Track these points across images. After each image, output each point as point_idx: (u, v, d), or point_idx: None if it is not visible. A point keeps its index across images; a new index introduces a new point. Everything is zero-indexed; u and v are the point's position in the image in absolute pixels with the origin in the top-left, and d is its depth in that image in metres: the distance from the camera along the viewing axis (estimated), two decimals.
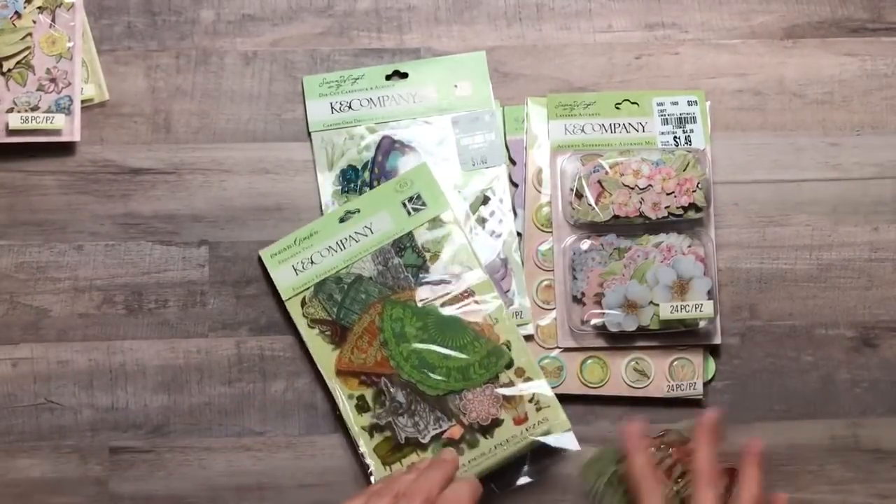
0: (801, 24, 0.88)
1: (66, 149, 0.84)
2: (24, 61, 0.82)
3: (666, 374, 0.83)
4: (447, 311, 0.81)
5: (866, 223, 0.86)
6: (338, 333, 0.81)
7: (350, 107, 0.85)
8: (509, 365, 0.80)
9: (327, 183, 0.84)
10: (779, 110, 0.87)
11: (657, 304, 0.81)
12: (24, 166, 0.83)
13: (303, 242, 0.82)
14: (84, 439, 0.82)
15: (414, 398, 0.80)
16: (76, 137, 0.83)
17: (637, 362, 0.83)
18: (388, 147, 0.85)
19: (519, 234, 0.84)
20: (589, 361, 0.83)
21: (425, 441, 0.80)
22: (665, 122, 0.85)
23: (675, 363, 0.83)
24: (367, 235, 0.82)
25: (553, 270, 0.84)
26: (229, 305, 0.83)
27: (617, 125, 0.85)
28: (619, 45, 0.87)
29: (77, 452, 0.82)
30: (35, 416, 0.82)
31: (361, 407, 0.80)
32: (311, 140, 0.85)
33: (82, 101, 0.83)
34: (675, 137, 0.85)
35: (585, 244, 0.83)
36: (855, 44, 0.88)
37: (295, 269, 0.82)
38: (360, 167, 0.84)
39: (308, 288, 0.81)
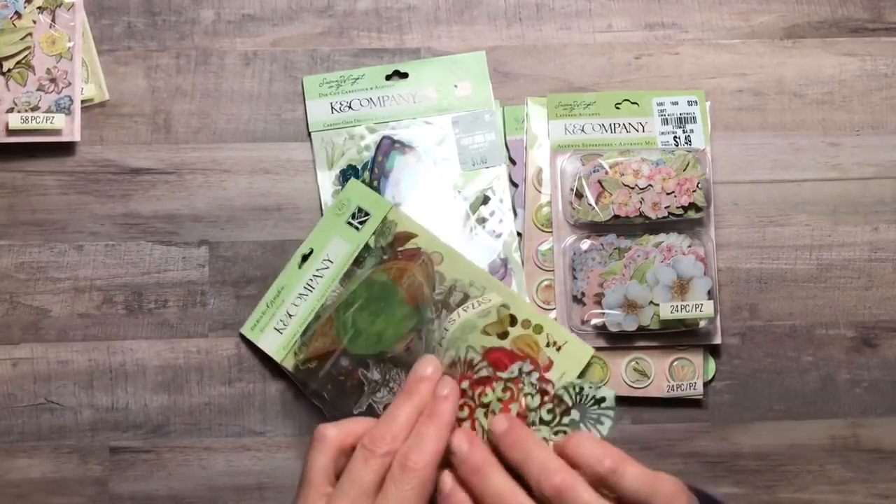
0: (801, 24, 0.88)
1: (66, 149, 0.84)
2: (24, 61, 0.82)
3: (666, 374, 0.83)
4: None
5: (866, 223, 0.86)
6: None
7: (350, 107, 0.85)
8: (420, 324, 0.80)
9: (327, 183, 0.84)
10: (779, 110, 0.87)
11: (657, 304, 0.81)
12: (24, 166, 0.83)
13: (274, 303, 0.82)
14: (84, 439, 0.82)
15: (383, 367, 0.79)
16: (76, 137, 0.83)
17: (637, 362, 0.83)
18: (388, 147, 0.85)
19: (519, 234, 0.84)
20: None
21: None
22: (665, 122, 0.85)
23: (676, 363, 0.83)
24: (327, 267, 0.82)
25: (553, 270, 0.84)
26: (229, 305, 0.83)
27: (617, 125, 0.85)
28: (619, 45, 0.87)
29: (77, 452, 0.82)
30: (35, 416, 0.82)
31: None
32: (311, 140, 0.85)
33: (82, 101, 0.83)
34: (675, 137, 0.85)
35: (585, 244, 0.83)
36: (855, 44, 0.88)
37: (277, 330, 0.82)
38: (360, 167, 0.84)
39: (294, 341, 0.81)
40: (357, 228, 0.82)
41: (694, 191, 0.82)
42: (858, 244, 0.86)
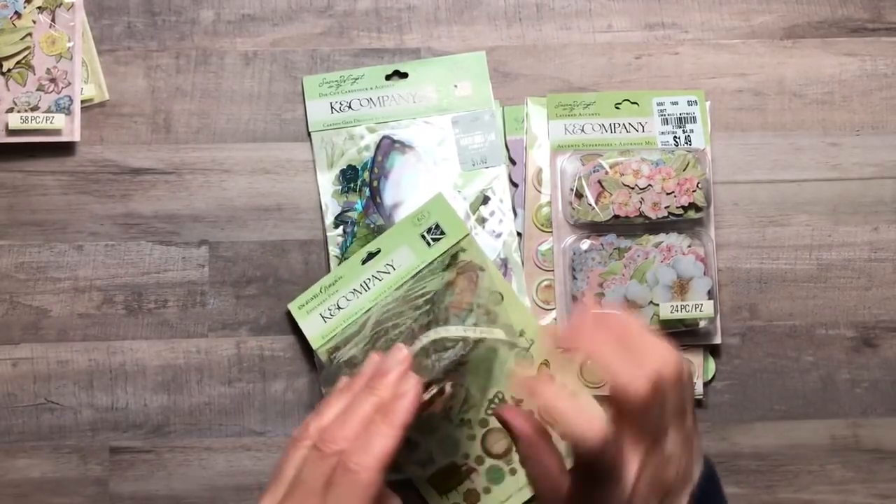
0: (801, 24, 0.88)
1: (66, 149, 0.84)
2: (24, 61, 0.82)
3: None
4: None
5: (866, 223, 0.86)
6: None
7: (350, 107, 0.85)
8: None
9: (327, 183, 0.84)
10: (779, 110, 0.87)
11: (657, 304, 0.81)
12: (24, 166, 0.84)
13: (328, 290, 0.82)
14: (84, 439, 0.82)
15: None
16: (76, 137, 0.83)
17: None
18: (388, 147, 0.85)
19: (519, 234, 0.84)
20: (589, 361, 0.83)
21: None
22: (665, 122, 0.85)
23: None
24: (388, 273, 0.82)
25: (553, 270, 0.84)
26: (229, 305, 0.83)
27: (617, 125, 0.85)
28: (619, 45, 0.87)
29: (77, 452, 0.82)
30: (35, 416, 0.82)
31: None
32: (311, 140, 0.85)
33: (82, 101, 0.83)
34: (675, 137, 0.85)
35: (585, 244, 0.83)
36: (855, 44, 0.88)
37: (323, 317, 0.82)
38: (359, 167, 0.84)
39: (334, 335, 0.81)
40: (429, 244, 0.82)
41: (694, 191, 0.82)
42: (858, 244, 0.86)
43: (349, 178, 0.84)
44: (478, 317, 0.75)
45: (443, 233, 0.82)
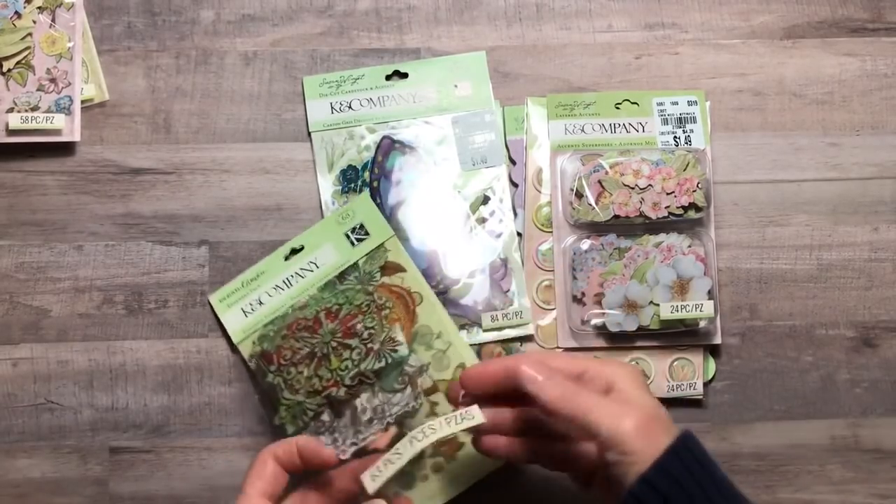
0: (801, 24, 0.88)
1: (66, 149, 0.84)
2: (24, 61, 0.82)
3: (666, 374, 0.83)
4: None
5: (866, 223, 0.86)
6: None
7: (350, 107, 0.85)
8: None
9: (327, 183, 0.84)
10: (779, 110, 0.87)
11: (657, 304, 0.81)
12: (24, 166, 0.83)
13: (250, 284, 0.82)
14: (84, 439, 0.82)
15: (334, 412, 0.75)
16: (76, 137, 0.83)
17: (637, 362, 0.83)
18: (388, 147, 0.85)
19: (519, 234, 0.84)
20: None
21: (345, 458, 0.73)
22: (665, 122, 0.85)
23: (676, 363, 0.83)
24: (312, 270, 0.82)
25: (553, 270, 0.84)
26: None
27: (617, 125, 0.85)
28: (619, 45, 0.87)
29: (77, 452, 0.82)
30: (35, 416, 0.82)
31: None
32: (311, 140, 0.85)
33: (82, 101, 0.83)
34: (675, 137, 0.85)
35: (585, 244, 0.83)
36: (855, 44, 0.88)
37: (244, 312, 0.81)
38: (360, 167, 0.84)
39: (256, 330, 0.80)
40: (353, 243, 0.82)
41: (694, 191, 0.82)
42: (858, 244, 0.86)
43: (349, 178, 0.84)
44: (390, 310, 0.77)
45: (367, 233, 0.82)
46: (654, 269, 0.81)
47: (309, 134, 0.85)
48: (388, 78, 0.85)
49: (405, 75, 0.86)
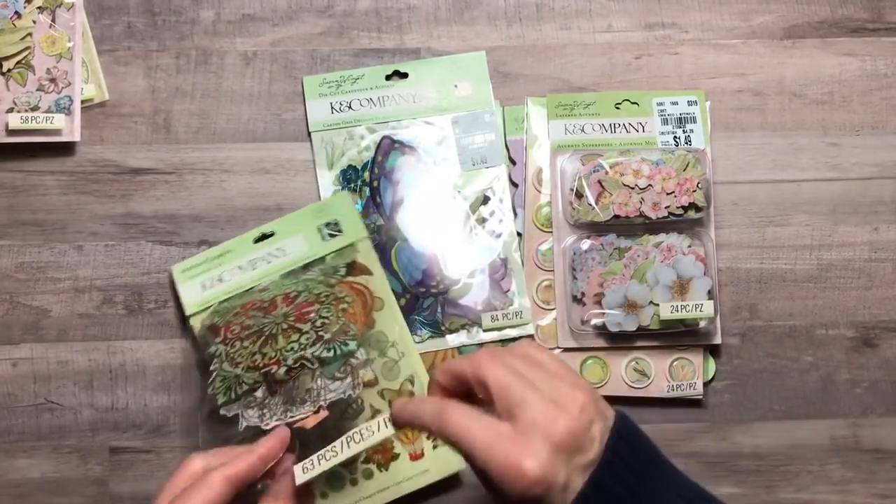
0: (801, 24, 0.88)
1: (66, 149, 0.84)
2: (24, 61, 0.82)
3: (666, 374, 0.83)
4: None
5: (866, 223, 0.86)
6: None
7: (350, 107, 0.85)
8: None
9: (327, 183, 0.84)
10: (779, 110, 0.87)
11: (657, 304, 0.81)
12: (24, 166, 0.84)
13: (214, 261, 0.82)
14: (84, 439, 0.82)
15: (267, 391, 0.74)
16: (76, 137, 0.83)
17: (637, 362, 0.83)
18: (388, 147, 0.85)
19: (519, 234, 0.84)
20: (589, 361, 0.83)
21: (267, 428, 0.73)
22: (665, 122, 0.85)
23: (676, 363, 0.83)
24: (278, 257, 0.81)
25: (553, 270, 0.84)
26: None
27: (617, 125, 0.85)
28: (619, 45, 0.87)
29: (77, 452, 0.82)
30: (35, 416, 0.82)
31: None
32: (311, 140, 0.85)
33: (82, 101, 0.83)
34: (675, 137, 0.85)
35: (585, 244, 0.83)
36: (855, 44, 0.88)
37: (203, 286, 0.81)
38: (360, 167, 0.84)
39: (210, 306, 0.80)
40: (324, 238, 0.82)
41: (694, 191, 0.82)
42: (858, 244, 0.86)
43: (349, 178, 0.84)
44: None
45: (340, 230, 0.82)
46: (654, 269, 0.81)
47: (309, 134, 0.85)
48: (388, 78, 0.85)
49: (405, 75, 0.86)
